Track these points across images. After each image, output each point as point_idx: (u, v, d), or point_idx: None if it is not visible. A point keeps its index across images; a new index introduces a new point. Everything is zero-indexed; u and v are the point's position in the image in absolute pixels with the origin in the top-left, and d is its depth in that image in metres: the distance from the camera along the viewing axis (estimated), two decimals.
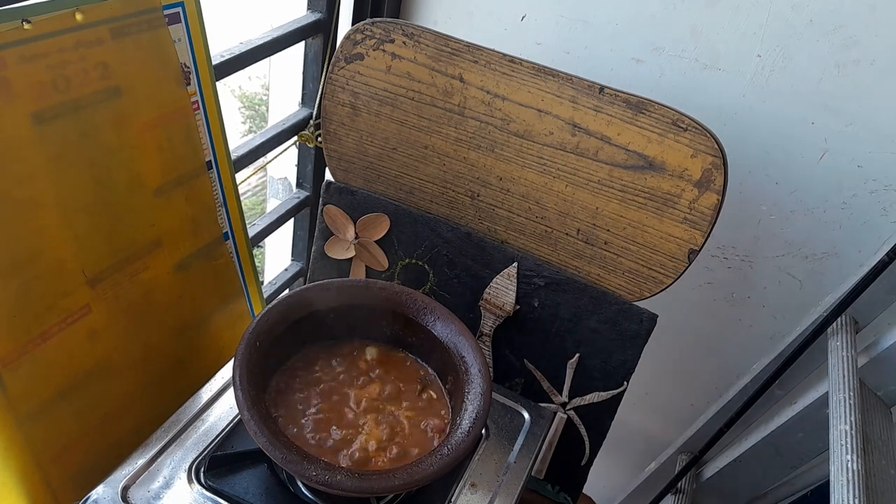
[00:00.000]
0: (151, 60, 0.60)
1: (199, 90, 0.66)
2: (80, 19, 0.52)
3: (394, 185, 0.84)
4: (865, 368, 0.75)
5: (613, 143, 0.70)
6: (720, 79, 0.81)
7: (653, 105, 0.67)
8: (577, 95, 0.70)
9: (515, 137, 0.75)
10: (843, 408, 0.69)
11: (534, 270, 0.80)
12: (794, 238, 0.89)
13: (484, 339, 0.85)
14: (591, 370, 0.81)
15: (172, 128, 0.64)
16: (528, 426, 0.75)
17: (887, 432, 0.71)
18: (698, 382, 1.11)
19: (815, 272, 0.90)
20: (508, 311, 0.82)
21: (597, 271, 0.77)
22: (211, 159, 0.71)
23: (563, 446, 0.87)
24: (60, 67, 0.52)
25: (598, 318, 0.78)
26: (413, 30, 0.75)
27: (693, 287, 0.99)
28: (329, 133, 0.84)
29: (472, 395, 0.64)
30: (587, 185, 0.73)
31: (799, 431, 0.83)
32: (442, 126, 0.78)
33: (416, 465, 0.58)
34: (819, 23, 0.74)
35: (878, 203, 0.81)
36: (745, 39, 0.78)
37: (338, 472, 0.55)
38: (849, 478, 0.61)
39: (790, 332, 0.90)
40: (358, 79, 0.79)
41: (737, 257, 0.94)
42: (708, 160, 0.66)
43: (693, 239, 0.70)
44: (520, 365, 0.85)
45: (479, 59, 0.73)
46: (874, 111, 0.76)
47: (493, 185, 0.79)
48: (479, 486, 0.67)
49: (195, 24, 0.63)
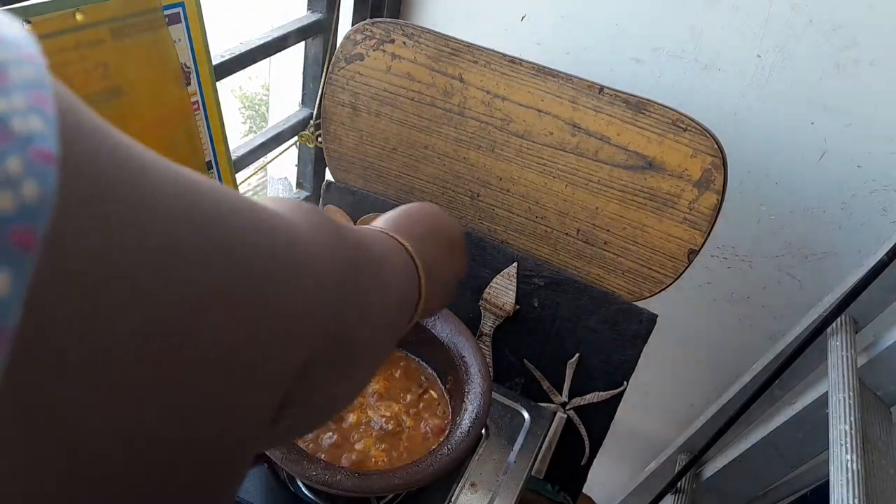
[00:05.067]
0: (151, 60, 0.60)
1: (199, 90, 0.66)
2: (80, 20, 0.52)
3: (394, 185, 0.85)
4: (865, 368, 0.75)
5: (613, 143, 0.70)
6: (720, 79, 0.81)
7: (652, 105, 0.67)
8: (577, 95, 0.70)
9: (515, 137, 0.75)
10: (843, 408, 0.69)
11: (533, 270, 0.80)
12: (794, 238, 0.89)
13: (484, 338, 0.85)
14: (590, 370, 0.81)
15: (172, 128, 0.64)
16: (528, 426, 0.75)
17: (887, 432, 0.71)
18: (698, 382, 1.11)
19: (814, 272, 0.90)
20: (508, 310, 0.82)
21: (597, 271, 0.77)
22: (211, 159, 0.71)
23: (563, 446, 0.87)
24: (61, 68, 0.52)
25: (597, 318, 0.78)
26: (413, 30, 0.75)
27: (693, 287, 0.99)
28: (329, 133, 0.84)
29: (472, 394, 0.64)
30: (587, 185, 0.73)
31: (799, 431, 0.83)
32: (442, 126, 0.78)
33: (416, 465, 0.58)
34: (819, 23, 0.74)
35: (877, 203, 0.81)
36: (745, 39, 0.78)
37: (338, 472, 0.55)
38: (848, 478, 0.61)
39: (790, 331, 0.90)
40: (358, 79, 0.79)
41: (737, 257, 0.94)
42: (707, 160, 0.66)
43: (693, 239, 0.70)
44: (520, 365, 0.85)
45: (479, 60, 0.73)
46: (874, 111, 0.76)
47: (493, 186, 0.79)
48: (479, 485, 0.67)
49: (195, 24, 0.63)
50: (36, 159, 0.13)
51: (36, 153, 0.13)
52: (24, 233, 0.12)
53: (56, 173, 0.13)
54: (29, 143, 0.13)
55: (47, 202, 0.13)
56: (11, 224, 0.12)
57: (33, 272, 0.13)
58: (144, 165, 0.17)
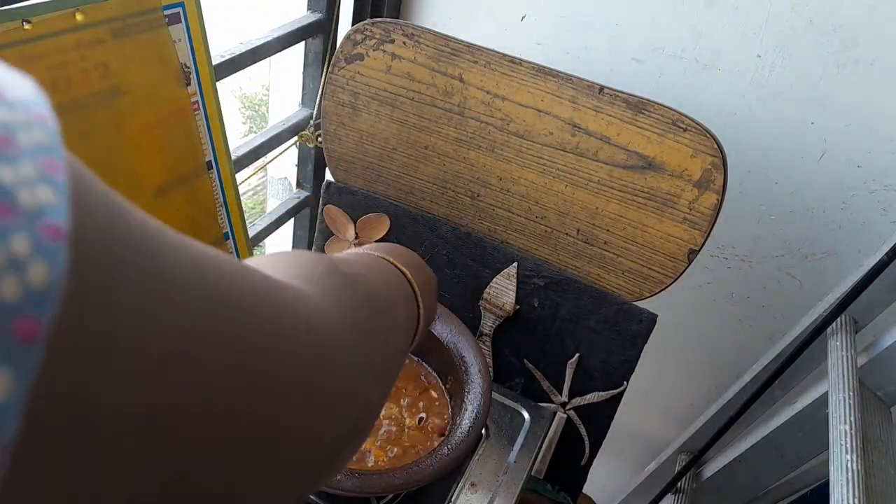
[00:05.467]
0: (151, 61, 0.60)
1: (199, 90, 0.66)
2: (80, 20, 0.52)
3: (394, 185, 0.85)
4: (865, 368, 0.75)
5: (613, 143, 0.70)
6: (720, 79, 0.81)
7: (652, 105, 0.67)
8: (577, 95, 0.70)
9: (515, 137, 0.75)
10: (843, 408, 0.69)
11: (533, 270, 0.80)
12: (794, 238, 0.89)
13: (484, 338, 0.85)
14: (590, 370, 0.81)
15: (172, 128, 0.64)
16: (528, 426, 0.75)
17: (887, 432, 0.71)
18: (698, 382, 1.11)
19: (814, 272, 0.90)
20: (508, 310, 0.82)
21: (597, 271, 0.77)
22: (211, 159, 0.71)
23: (563, 446, 0.87)
24: (61, 68, 0.52)
25: (597, 318, 0.78)
26: (413, 30, 0.75)
27: (693, 287, 0.99)
28: (329, 133, 0.84)
29: (472, 394, 0.64)
30: (587, 185, 0.73)
31: (799, 431, 0.83)
32: (442, 126, 0.78)
33: (416, 465, 0.58)
34: (819, 23, 0.74)
35: (877, 203, 0.81)
36: (745, 39, 0.78)
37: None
38: (848, 478, 0.61)
39: (790, 331, 0.90)
40: (358, 79, 0.79)
41: (737, 257, 0.94)
42: (707, 160, 0.66)
43: (693, 239, 0.70)
44: (520, 365, 0.85)
45: (479, 60, 0.73)
46: (874, 111, 0.76)
47: (493, 185, 0.79)
48: (479, 485, 0.67)
49: (195, 24, 0.63)
50: (45, 236, 0.11)
51: (45, 229, 0.11)
52: (29, 324, 0.11)
53: (66, 252, 0.12)
54: (38, 218, 0.11)
55: (55, 287, 0.11)
56: (14, 315, 0.11)
57: (35, 370, 0.11)
58: (161, 244, 0.16)
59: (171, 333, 0.15)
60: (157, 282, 0.15)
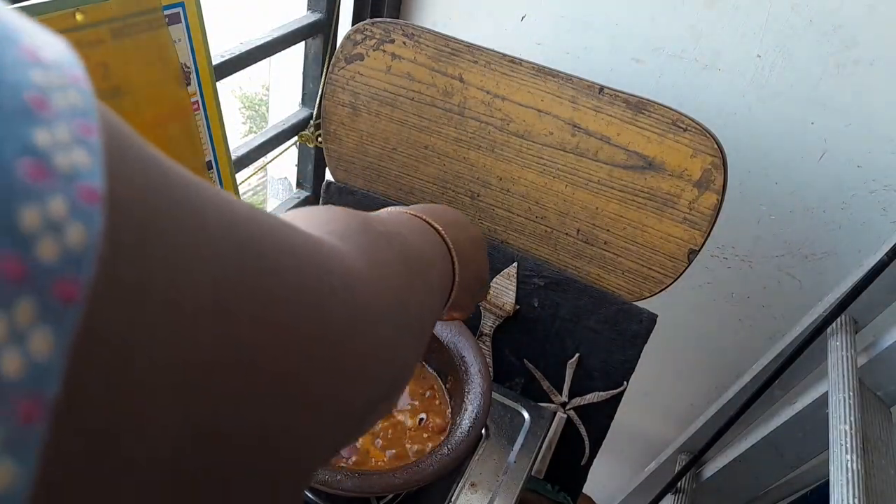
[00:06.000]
0: (151, 61, 0.60)
1: (199, 90, 0.66)
2: (80, 20, 0.52)
3: (394, 185, 0.85)
4: (865, 368, 0.75)
5: (613, 143, 0.70)
6: (720, 79, 0.81)
7: (652, 105, 0.67)
8: (577, 95, 0.70)
9: (515, 137, 0.75)
10: (843, 408, 0.69)
11: (533, 270, 0.80)
12: (794, 238, 0.89)
13: (484, 339, 0.85)
14: (590, 370, 0.81)
15: (172, 128, 0.64)
16: (528, 426, 0.75)
17: (887, 432, 0.71)
18: (698, 382, 1.11)
19: (814, 272, 0.90)
20: (508, 311, 0.82)
21: (597, 271, 0.77)
22: (211, 159, 0.71)
23: (563, 446, 0.87)
24: None
25: (597, 318, 0.78)
26: (413, 30, 0.75)
27: (693, 287, 0.99)
28: (329, 133, 0.84)
29: (472, 394, 0.64)
30: (587, 185, 0.73)
31: (799, 431, 0.83)
32: (442, 126, 0.78)
33: (416, 465, 0.58)
34: (819, 23, 0.74)
35: (877, 203, 0.81)
36: (745, 39, 0.78)
37: (338, 472, 0.55)
38: (848, 478, 0.61)
39: (790, 331, 0.90)
40: (358, 79, 0.79)
41: (737, 257, 0.94)
42: (707, 160, 0.66)
43: (693, 239, 0.70)
44: (520, 365, 0.85)
45: (479, 60, 0.73)
46: (874, 111, 0.76)
47: (493, 186, 0.79)
48: (479, 485, 0.67)
49: (195, 24, 0.63)
50: (81, 199, 0.11)
51: (81, 191, 0.12)
52: (67, 285, 0.11)
53: (102, 214, 0.12)
54: (73, 180, 0.11)
55: (92, 249, 0.12)
56: (54, 276, 0.11)
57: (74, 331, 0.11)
58: (196, 194, 0.16)
59: (203, 285, 0.15)
60: (191, 233, 0.15)
